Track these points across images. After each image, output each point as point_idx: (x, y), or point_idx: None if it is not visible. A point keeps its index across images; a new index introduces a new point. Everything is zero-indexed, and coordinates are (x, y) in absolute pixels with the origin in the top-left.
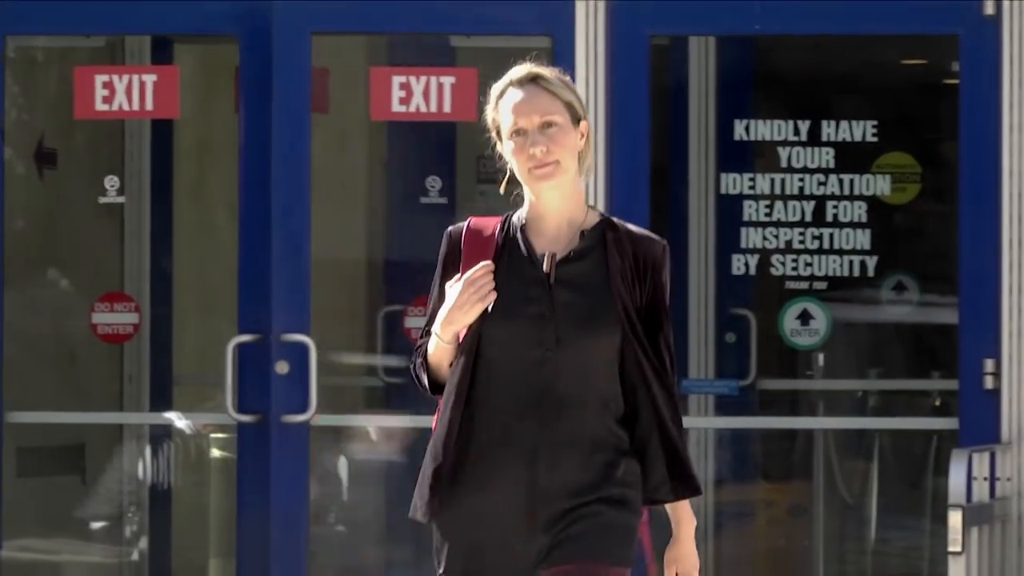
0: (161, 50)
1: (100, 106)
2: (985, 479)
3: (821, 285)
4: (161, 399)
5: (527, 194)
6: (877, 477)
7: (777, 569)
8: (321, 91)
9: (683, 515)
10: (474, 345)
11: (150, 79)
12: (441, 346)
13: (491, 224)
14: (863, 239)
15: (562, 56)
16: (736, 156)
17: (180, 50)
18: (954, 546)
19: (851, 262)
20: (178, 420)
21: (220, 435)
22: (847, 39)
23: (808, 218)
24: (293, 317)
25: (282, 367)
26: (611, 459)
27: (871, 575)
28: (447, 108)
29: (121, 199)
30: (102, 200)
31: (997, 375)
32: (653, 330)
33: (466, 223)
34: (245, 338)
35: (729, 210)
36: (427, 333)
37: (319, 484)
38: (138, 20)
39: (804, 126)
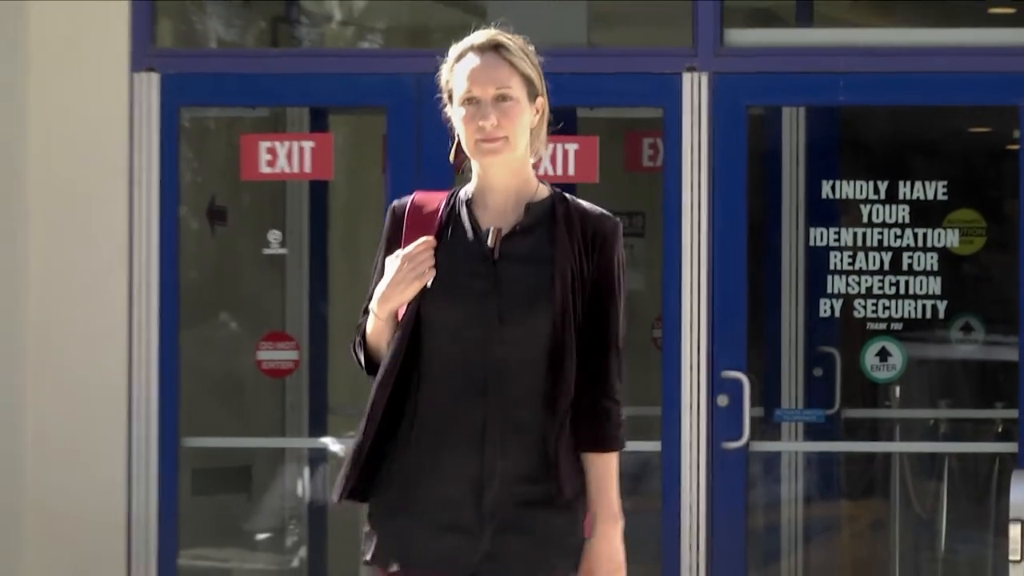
0: (318, 119)
1: (264, 169)
2: None
3: (898, 326)
4: (318, 426)
5: (474, 167)
6: (947, 495)
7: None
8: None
9: (601, 510)
10: (411, 323)
11: (308, 145)
12: (378, 324)
13: (436, 199)
14: (935, 285)
15: (671, 124)
16: (823, 212)
17: (334, 119)
18: (1014, 555)
19: (924, 306)
20: (333, 444)
21: None
22: (921, 109)
23: (886, 267)
24: None
25: None
26: (559, 445)
27: None
28: (571, 171)
29: (283, 251)
30: (266, 252)
31: None
32: (598, 306)
33: (411, 197)
34: None
35: (817, 260)
36: (367, 311)
37: None
38: (298, 93)
39: (883, 186)
